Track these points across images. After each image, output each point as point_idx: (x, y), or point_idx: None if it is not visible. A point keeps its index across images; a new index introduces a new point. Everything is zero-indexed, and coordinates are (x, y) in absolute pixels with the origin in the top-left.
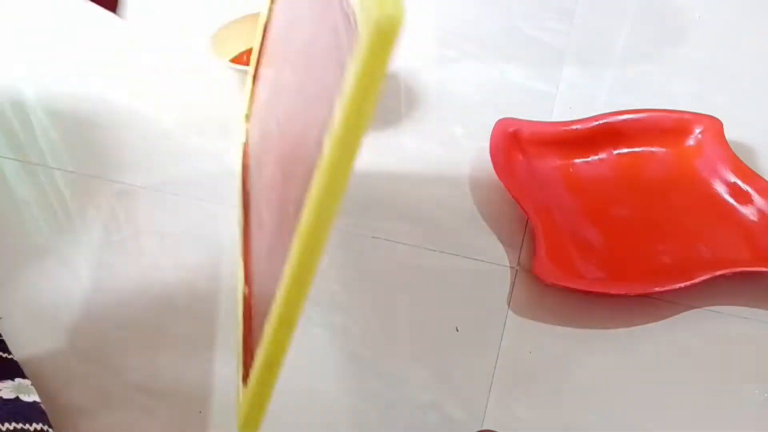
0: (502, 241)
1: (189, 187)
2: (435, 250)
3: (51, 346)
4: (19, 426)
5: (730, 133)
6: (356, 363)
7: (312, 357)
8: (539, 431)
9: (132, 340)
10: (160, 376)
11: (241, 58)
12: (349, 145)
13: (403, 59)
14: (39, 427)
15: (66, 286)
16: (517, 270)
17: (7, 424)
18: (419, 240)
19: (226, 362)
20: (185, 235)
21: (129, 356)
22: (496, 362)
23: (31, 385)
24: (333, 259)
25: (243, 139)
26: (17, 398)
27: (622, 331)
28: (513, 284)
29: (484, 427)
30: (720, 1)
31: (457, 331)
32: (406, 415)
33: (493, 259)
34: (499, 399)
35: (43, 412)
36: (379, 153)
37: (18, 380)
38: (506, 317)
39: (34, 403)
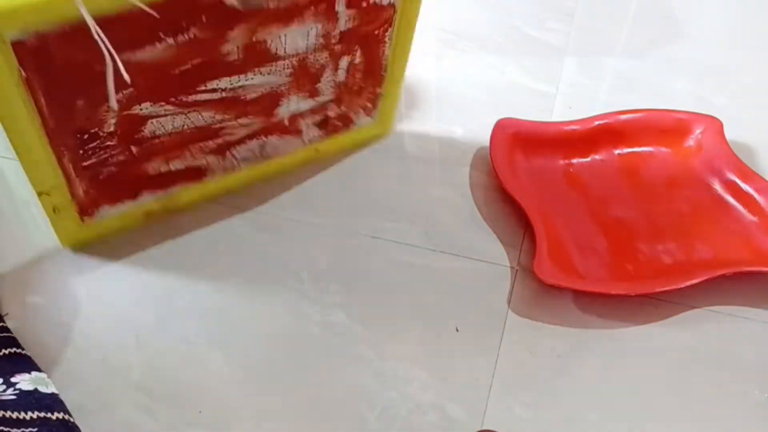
0: (502, 241)
1: None
2: (435, 250)
3: (51, 345)
4: (42, 414)
5: (730, 133)
6: (356, 363)
7: (312, 357)
8: (539, 431)
9: (132, 339)
10: (160, 376)
11: None
12: None
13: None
14: (61, 416)
15: (66, 286)
16: (517, 270)
17: (30, 413)
18: (419, 240)
19: (227, 362)
20: (185, 234)
21: (129, 356)
22: (496, 362)
23: (48, 378)
24: (333, 259)
25: None
26: (36, 390)
27: (622, 331)
28: (513, 284)
29: (484, 427)
30: (720, 1)
31: (457, 331)
32: (406, 415)
33: (493, 259)
34: (499, 399)
35: (61, 402)
36: (380, 153)
37: (34, 373)
38: (506, 317)
39: (53, 394)
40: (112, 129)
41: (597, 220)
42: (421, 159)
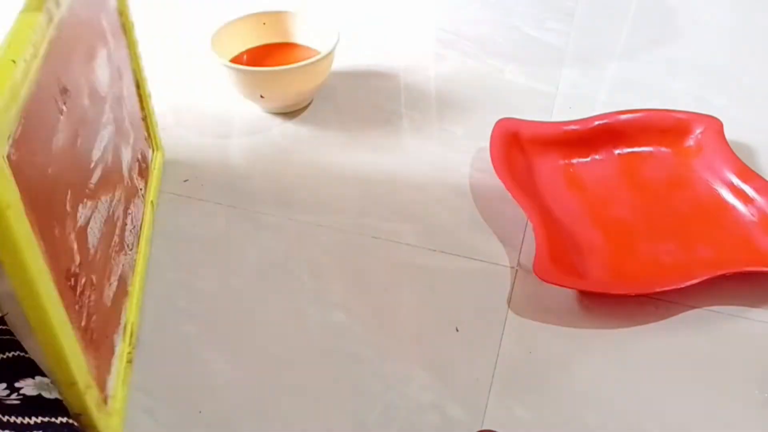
0: (502, 241)
1: (187, 186)
2: (435, 250)
3: None
4: (47, 419)
5: (730, 133)
6: (356, 363)
7: (312, 357)
8: (539, 431)
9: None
10: (160, 376)
11: (241, 58)
12: None
13: (403, 59)
14: (65, 420)
15: None
16: (517, 270)
17: (34, 418)
18: (419, 240)
19: (227, 362)
20: (184, 234)
21: None
22: (496, 362)
23: (51, 383)
24: (333, 259)
25: None
26: (40, 395)
27: (622, 331)
28: (513, 284)
29: (484, 427)
30: (719, 1)
31: (457, 331)
32: (406, 415)
33: (493, 259)
34: (499, 399)
35: (65, 409)
36: (379, 153)
37: (38, 378)
38: (506, 317)
39: (56, 400)
40: (78, 258)
41: (597, 220)
42: (421, 159)
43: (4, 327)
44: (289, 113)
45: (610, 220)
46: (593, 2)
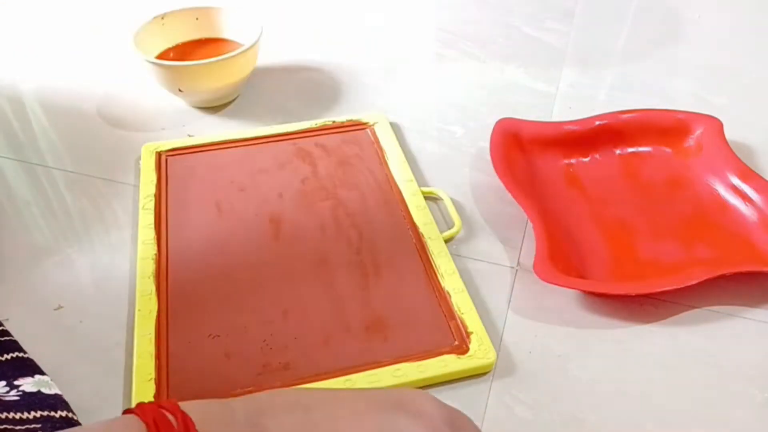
0: (502, 241)
1: None
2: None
3: (51, 345)
4: (45, 413)
5: (730, 133)
6: None
7: None
8: (539, 431)
9: (132, 340)
10: None
11: (168, 54)
12: None
13: (404, 59)
14: (64, 414)
15: (66, 286)
16: (517, 270)
17: (33, 413)
18: None
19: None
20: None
21: (129, 356)
22: (496, 362)
23: (51, 380)
24: None
25: None
26: (39, 391)
27: (622, 331)
28: (513, 284)
29: (484, 428)
30: (720, 1)
31: None
32: None
33: (493, 259)
34: (499, 399)
35: (65, 402)
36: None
37: (37, 377)
38: (506, 317)
39: (56, 395)
40: None
41: (597, 220)
42: (422, 159)
43: (2, 329)
44: (215, 107)
45: (610, 220)
46: (593, 2)
